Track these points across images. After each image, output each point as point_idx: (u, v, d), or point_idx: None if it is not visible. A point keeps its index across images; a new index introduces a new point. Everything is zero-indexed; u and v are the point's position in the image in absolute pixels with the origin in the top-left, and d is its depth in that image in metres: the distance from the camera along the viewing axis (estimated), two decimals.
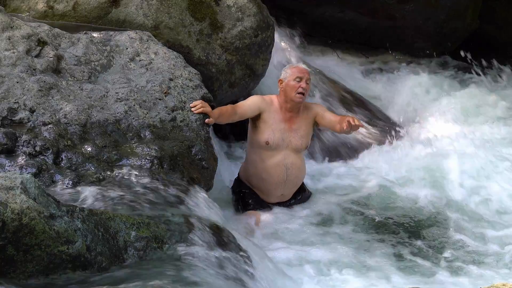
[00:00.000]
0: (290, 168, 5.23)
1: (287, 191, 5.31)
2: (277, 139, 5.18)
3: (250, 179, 5.31)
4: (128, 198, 3.89)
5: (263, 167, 5.21)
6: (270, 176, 5.22)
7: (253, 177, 5.28)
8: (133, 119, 4.62)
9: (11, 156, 4.07)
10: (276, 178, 5.23)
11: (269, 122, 5.18)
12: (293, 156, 5.23)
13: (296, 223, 5.14)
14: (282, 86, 5.21)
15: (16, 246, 3.01)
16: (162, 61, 5.06)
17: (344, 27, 8.74)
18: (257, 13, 5.74)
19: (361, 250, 4.77)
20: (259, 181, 5.25)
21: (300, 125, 5.25)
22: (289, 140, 5.21)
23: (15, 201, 3.03)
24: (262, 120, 5.18)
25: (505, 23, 9.53)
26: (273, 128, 5.18)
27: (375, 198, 5.67)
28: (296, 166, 5.27)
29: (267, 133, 5.17)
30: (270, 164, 5.20)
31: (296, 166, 5.27)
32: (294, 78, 5.16)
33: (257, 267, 3.83)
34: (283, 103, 5.21)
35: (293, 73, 5.19)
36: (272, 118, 5.19)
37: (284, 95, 5.19)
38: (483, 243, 5.03)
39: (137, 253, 3.41)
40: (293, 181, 5.30)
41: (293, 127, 5.23)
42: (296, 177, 5.32)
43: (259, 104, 5.18)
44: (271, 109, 5.20)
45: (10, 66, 4.59)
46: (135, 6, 5.40)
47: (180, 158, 4.46)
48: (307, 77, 5.20)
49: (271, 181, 5.23)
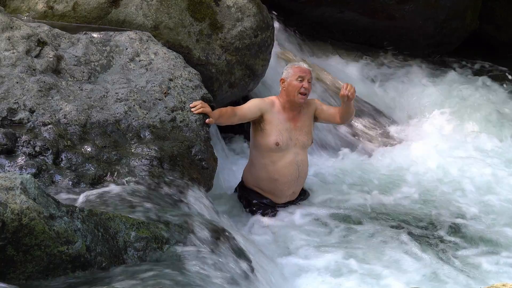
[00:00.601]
0: (301, 165, 5.26)
1: (297, 188, 5.34)
2: (285, 139, 5.17)
3: (259, 183, 5.28)
4: (128, 198, 3.89)
5: (275, 169, 5.20)
6: (283, 176, 5.21)
7: (264, 180, 5.25)
8: (133, 120, 4.62)
9: (11, 156, 4.07)
10: (290, 177, 5.23)
11: (274, 123, 5.16)
12: (301, 153, 5.27)
13: (297, 225, 5.14)
14: (284, 85, 5.19)
15: (16, 246, 3.01)
16: (162, 62, 5.06)
17: (344, 27, 8.75)
18: (257, 14, 5.74)
19: (359, 251, 4.77)
20: (271, 183, 5.23)
21: (304, 122, 5.27)
22: (296, 138, 5.22)
23: (15, 201, 3.03)
24: (266, 122, 5.16)
25: (505, 23, 9.54)
26: (279, 128, 5.17)
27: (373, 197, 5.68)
28: (305, 163, 5.32)
29: (275, 134, 5.15)
30: (283, 164, 5.20)
31: (305, 162, 5.32)
32: (296, 78, 5.15)
33: (257, 268, 3.83)
34: (285, 102, 5.21)
35: (295, 73, 5.17)
36: (277, 119, 5.17)
37: (286, 94, 5.19)
38: (483, 243, 5.03)
39: (137, 253, 3.41)
40: (303, 177, 5.35)
41: (298, 125, 5.24)
42: (305, 173, 5.37)
43: (259, 106, 5.17)
44: (273, 110, 5.19)
45: (10, 67, 4.59)
46: (135, 6, 5.40)
47: (180, 158, 4.46)
48: (309, 77, 5.20)
49: (285, 180, 5.22)
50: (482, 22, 9.35)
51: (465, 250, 4.93)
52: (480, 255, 4.86)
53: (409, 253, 4.79)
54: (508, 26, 9.51)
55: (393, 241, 4.95)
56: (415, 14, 8.65)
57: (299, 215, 5.24)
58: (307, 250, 4.77)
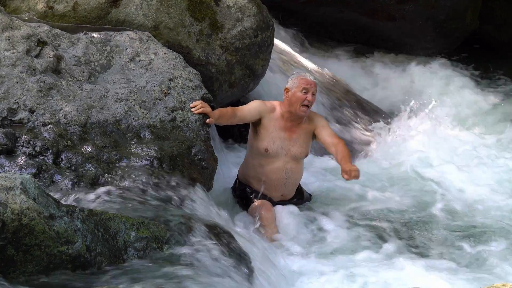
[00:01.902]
0: (290, 173, 5.23)
1: (286, 191, 5.32)
2: (276, 147, 5.15)
3: (249, 181, 5.30)
4: (128, 198, 3.89)
5: (262, 171, 5.21)
6: (270, 179, 5.21)
7: (253, 179, 5.27)
8: (133, 120, 4.62)
9: (11, 156, 4.07)
10: (276, 181, 5.23)
11: (269, 129, 5.14)
12: (292, 162, 5.22)
13: (295, 222, 5.14)
14: (288, 95, 5.14)
15: (16, 246, 3.01)
16: (162, 62, 5.06)
17: (344, 27, 8.75)
18: (257, 14, 5.74)
19: (355, 252, 4.78)
20: (259, 181, 5.24)
21: (299, 135, 5.20)
22: (288, 149, 5.18)
23: (15, 201, 3.03)
24: (262, 126, 5.15)
25: (505, 24, 9.54)
26: (273, 135, 5.15)
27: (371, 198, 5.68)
28: (296, 170, 5.27)
29: (267, 140, 5.14)
30: (270, 169, 5.19)
31: (296, 170, 5.27)
32: (301, 90, 5.09)
33: (257, 268, 3.83)
34: (285, 112, 5.16)
35: (300, 84, 5.11)
36: (272, 126, 5.15)
37: (289, 104, 5.13)
38: (483, 243, 5.03)
39: (137, 253, 3.41)
40: (293, 183, 5.32)
41: (293, 136, 5.19)
42: (295, 180, 5.34)
43: (259, 109, 5.15)
44: (272, 116, 5.16)
45: (10, 67, 4.59)
46: (135, 6, 5.40)
47: (180, 158, 4.46)
48: (314, 89, 5.13)
49: (271, 183, 5.23)
50: (482, 22, 9.36)
51: (464, 249, 4.93)
52: (480, 254, 4.86)
53: (406, 253, 4.80)
54: (508, 26, 9.52)
55: (393, 241, 4.95)
56: (415, 14, 8.66)
57: (299, 215, 5.24)
58: (308, 249, 4.77)
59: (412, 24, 8.71)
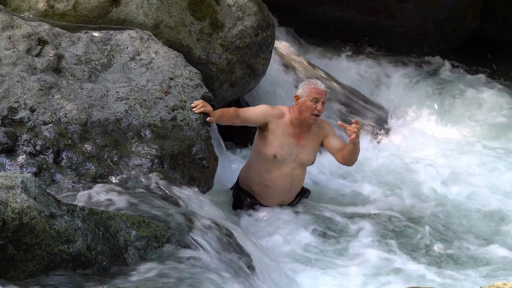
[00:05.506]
0: (295, 179, 5.21)
1: (287, 197, 5.29)
2: (284, 153, 5.11)
3: (251, 185, 5.26)
4: (129, 197, 3.89)
5: (268, 177, 5.17)
6: (275, 185, 5.19)
7: (256, 184, 5.23)
8: (134, 119, 4.62)
9: (12, 155, 4.07)
10: (281, 187, 5.20)
11: (277, 135, 5.09)
12: (299, 169, 5.19)
13: (294, 223, 5.14)
14: (298, 103, 5.08)
15: (17, 245, 3.01)
16: (162, 60, 5.05)
17: (344, 26, 8.75)
18: (258, 12, 5.74)
19: (355, 251, 4.78)
20: (262, 187, 5.21)
21: (308, 142, 5.17)
22: (296, 155, 5.15)
23: (16, 200, 3.03)
24: (270, 131, 5.10)
25: (506, 23, 9.55)
26: (281, 141, 5.10)
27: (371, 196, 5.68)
28: (300, 177, 5.25)
29: (275, 146, 5.09)
30: (277, 175, 5.16)
31: (300, 177, 5.25)
32: (311, 99, 5.03)
33: (258, 266, 3.83)
34: (295, 118, 5.11)
35: (310, 93, 5.04)
36: (281, 131, 5.10)
37: (299, 112, 5.08)
38: (483, 243, 5.03)
39: (138, 252, 3.41)
40: (295, 190, 5.30)
41: (301, 143, 5.15)
42: (298, 187, 5.31)
43: (266, 113, 5.09)
44: (280, 122, 5.11)
45: (11, 65, 4.59)
46: (136, 5, 5.40)
47: (180, 157, 4.46)
48: (324, 99, 5.08)
49: (275, 189, 5.20)
50: (483, 21, 9.36)
51: (464, 249, 4.93)
52: (480, 254, 4.86)
53: (406, 253, 4.79)
54: (508, 25, 9.52)
55: (393, 240, 4.95)
56: (416, 13, 8.65)
57: (300, 212, 5.24)
58: (308, 248, 4.77)
59: (413, 23, 8.71)
